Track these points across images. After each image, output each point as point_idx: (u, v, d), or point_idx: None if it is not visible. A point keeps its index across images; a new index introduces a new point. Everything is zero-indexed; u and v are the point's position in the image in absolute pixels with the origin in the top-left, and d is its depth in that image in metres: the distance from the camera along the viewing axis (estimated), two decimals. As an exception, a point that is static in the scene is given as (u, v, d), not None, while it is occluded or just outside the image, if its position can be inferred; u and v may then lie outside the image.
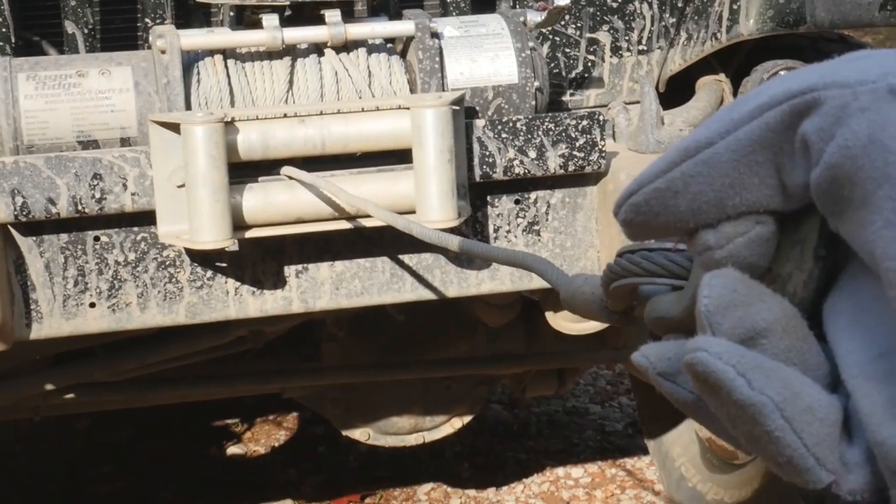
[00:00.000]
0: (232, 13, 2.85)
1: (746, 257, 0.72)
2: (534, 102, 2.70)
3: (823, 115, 0.67)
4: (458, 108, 2.52)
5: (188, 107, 2.55)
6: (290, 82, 2.62)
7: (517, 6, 2.95)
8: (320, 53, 2.66)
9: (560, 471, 4.40)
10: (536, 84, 2.70)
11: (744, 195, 0.71)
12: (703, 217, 0.72)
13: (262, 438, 4.75)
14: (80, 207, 2.46)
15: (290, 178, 2.51)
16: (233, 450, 4.68)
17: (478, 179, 2.60)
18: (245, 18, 2.73)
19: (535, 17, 2.76)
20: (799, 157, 0.69)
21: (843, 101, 0.66)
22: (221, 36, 2.62)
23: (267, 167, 2.54)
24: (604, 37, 3.01)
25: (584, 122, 2.62)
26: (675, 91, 3.02)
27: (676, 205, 0.72)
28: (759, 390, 0.66)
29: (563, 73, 3.01)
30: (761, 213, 0.71)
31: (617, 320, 1.00)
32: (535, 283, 2.67)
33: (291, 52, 2.65)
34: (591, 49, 3.02)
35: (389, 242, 2.62)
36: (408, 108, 2.50)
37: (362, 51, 2.67)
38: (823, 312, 0.72)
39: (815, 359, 0.70)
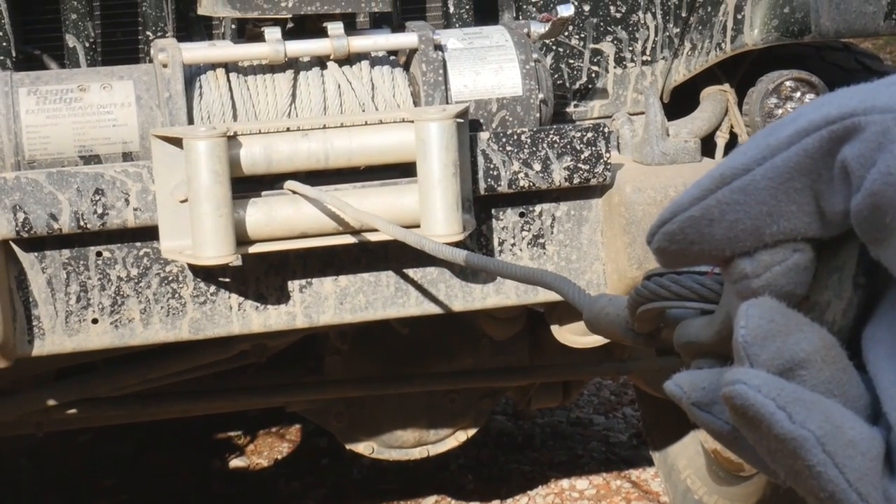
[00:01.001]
0: (233, 26, 2.84)
1: (784, 286, 0.70)
2: (538, 114, 2.68)
3: (864, 141, 0.65)
4: (462, 120, 2.50)
5: (190, 121, 2.54)
6: (293, 96, 2.61)
7: (520, 17, 2.93)
8: (323, 66, 2.64)
9: (565, 483, 4.38)
10: (541, 96, 2.68)
11: (781, 223, 0.69)
12: (740, 245, 0.71)
13: (265, 451, 4.73)
14: (82, 223, 2.44)
15: (294, 192, 2.49)
16: (236, 462, 4.67)
17: (482, 192, 2.58)
18: (247, 31, 2.72)
19: (538, 28, 2.75)
20: (838, 184, 0.67)
21: (884, 126, 0.64)
22: (224, 49, 2.60)
23: (270, 181, 2.53)
24: (607, 47, 3.00)
25: (589, 135, 2.61)
26: (680, 102, 3.01)
27: (712, 233, 0.71)
28: (801, 424, 0.65)
29: (567, 85, 3.00)
30: (799, 240, 0.70)
31: (643, 342, 0.99)
32: (541, 296, 2.65)
33: (294, 65, 2.63)
34: (595, 60, 3.00)
35: (394, 257, 2.60)
36: (411, 122, 2.48)
37: (365, 63, 2.66)
38: (862, 341, 0.70)
39: (855, 390, 0.68)
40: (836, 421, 0.65)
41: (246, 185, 2.49)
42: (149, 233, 2.50)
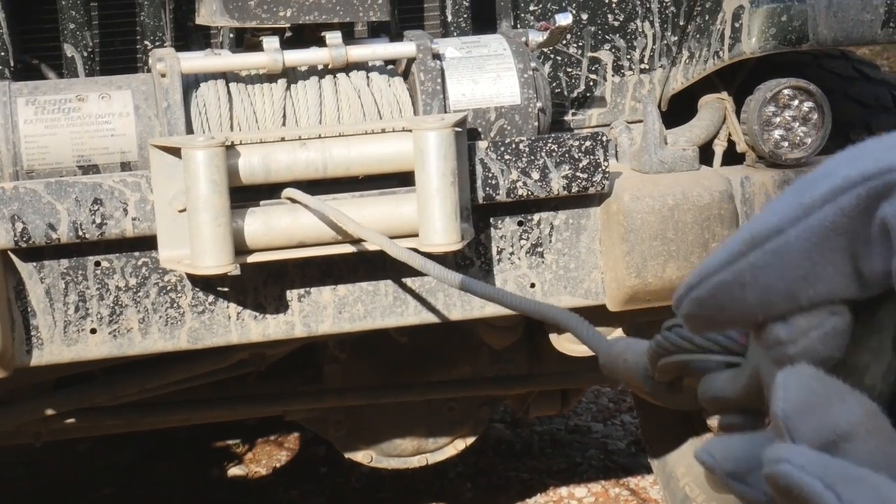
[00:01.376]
0: (232, 35, 2.84)
1: (821, 351, 0.67)
2: (536, 123, 2.69)
3: None
4: (460, 129, 2.50)
5: (189, 130, 2.54)
6: (292, 105, 2.61)
7: (518, 26, 2.94)
8: (321, 76, 2.64)
9: (563, 490, 4.38)
10: (539, 105, 2.68)
11: (818, 286, 0.66)
12: (774, 310, 0.67)
13: (263, 459, 4.73)
14: (80, 233, 2.44)
15: (292, 200, 2.49)
16: (234, 471, 4.66)
17: (481, 201, 2.59)
18: (245, 41, 2.72)
19: (536, 37, 2.75)
20: (877, 243, 0.64)
21: None
22: (222, 59, 2.60)
23: (268, 190, 2.53)
24: (606, 56, 3.00)
25: (587, 143, 2.61)
26: (678, 110, 3.01)
27: (744, 298, 0.68)
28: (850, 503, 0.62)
29: (565, 93, 3.00)
30: (836, 303, 0.66)
31: (663, 391, 0.96)
32: (539, 305, 2.65)
33: (292, 74, 2.63)
34: (593, 68, 3.00)
35: (392, 266, 2.60)
36: (410, 131, 2.48)
37: (363, 73, 2.66)
38: None
39: None
40: (885, 496, 0.62)
41: (244, 194, 2.49)
42: (147, 242, 2.50)
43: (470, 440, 3.59)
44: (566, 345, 2.87)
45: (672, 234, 2.62)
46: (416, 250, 2.43)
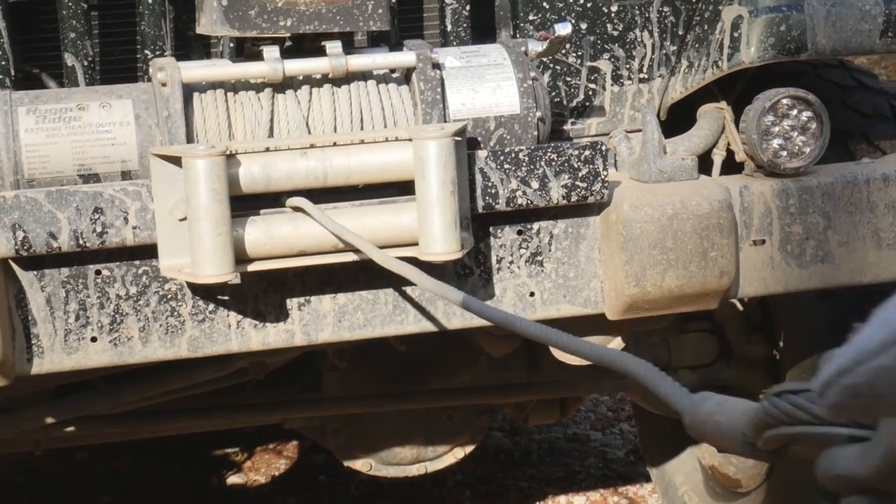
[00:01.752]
0: (232, 44, 2.85)
1: None
2: (536, 132, 2.69)
3: None
4: (460, 139, 2.51)
5: (189, 140, 2.54)
6: (297, 113, 2.61)
7: (518, 35, 2.94)
8: (321, 85, 2.65)
9: (562, 499, 4.38)
10: (538, 114, 2.69)
11: None
12: None
13: (262, 467, 4.73)
14: (81, 241, 2.45)
15: (297, 208, 2.49)
16: (233, 479, 4.66)
17: (480, 210, 2.59)
18: (245, 50, 2.72)
19: (536, 46, 2.76)
20: None
21: None
22: (222, 68, 2.61)
23: (269, 198, 2.53)
24: (605, 65, 3.01)
25: (587, 152, 2.61)
26: (677, 119, 3.01)
27: None
28: None
29: (564, 102, 3.01)
30: None
31: (766, 459, 0.86)
32: (538, 314, 2.66)
33: (292, 83, 2.64)
34: (592, 78, 3.01)
35: (392, 274, 2.60)
36: (410, 140, 2.49)
37: (363, 82, 2.66)
38: None
39: None
40: None
41: (244, 203, 2.49)
42: (148, 251, 2.50)
43: (469, 448, 3.60)
44: (565, 354, 2.87)
45: (671, 243, 2.63)
46: (414, 260, 2.44)
